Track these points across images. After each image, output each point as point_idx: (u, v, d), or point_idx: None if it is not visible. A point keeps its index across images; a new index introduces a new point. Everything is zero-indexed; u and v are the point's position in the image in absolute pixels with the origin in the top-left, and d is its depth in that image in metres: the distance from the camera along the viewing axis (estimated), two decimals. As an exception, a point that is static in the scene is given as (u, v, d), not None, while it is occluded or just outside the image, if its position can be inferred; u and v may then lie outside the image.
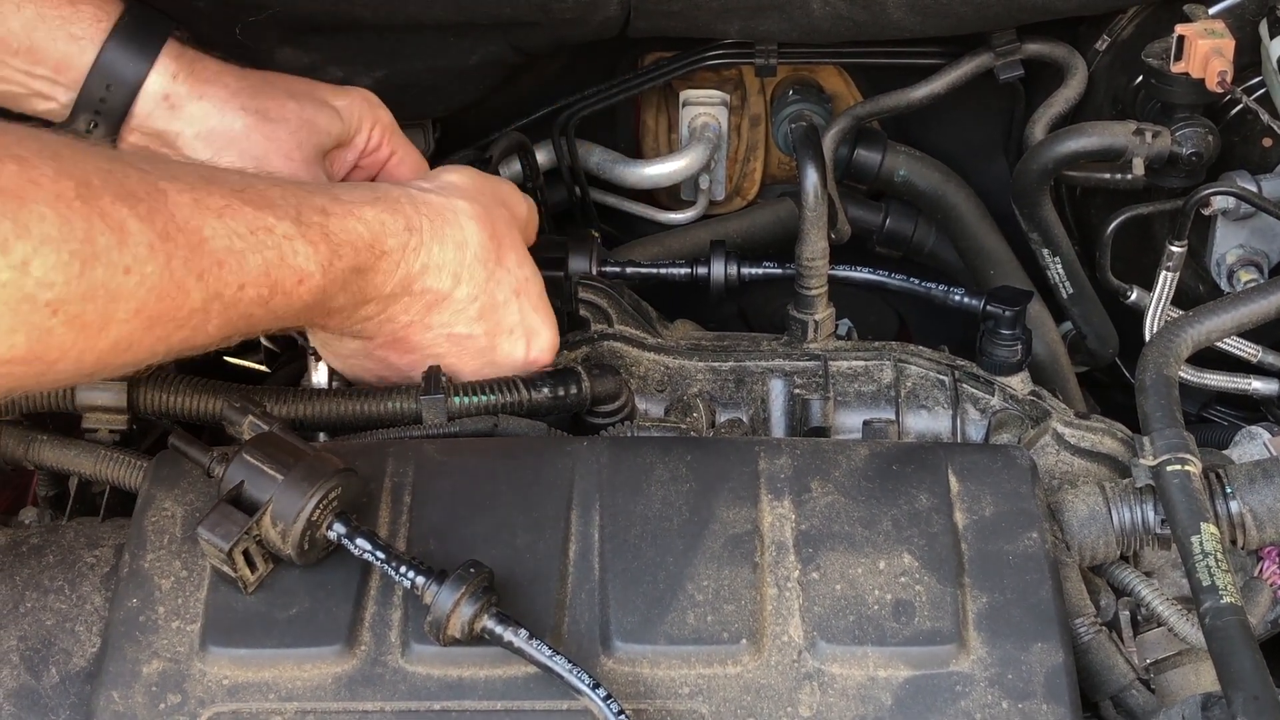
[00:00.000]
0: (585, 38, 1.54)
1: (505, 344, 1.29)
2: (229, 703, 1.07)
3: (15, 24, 1.23)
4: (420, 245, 1.20)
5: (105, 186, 0.97)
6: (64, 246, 0.93)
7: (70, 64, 1.25)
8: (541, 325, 1.31)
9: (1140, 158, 1.46)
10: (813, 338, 1.43)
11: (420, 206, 1.21)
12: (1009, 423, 1.38)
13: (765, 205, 1.77)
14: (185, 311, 1.02)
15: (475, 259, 1.24)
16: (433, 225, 1.22)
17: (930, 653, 1.09)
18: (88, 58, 1.25)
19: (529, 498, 1.18)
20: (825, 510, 1.17)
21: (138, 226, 0.98)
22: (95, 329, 0.97)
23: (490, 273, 1.26)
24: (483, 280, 1.25)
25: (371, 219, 1.17)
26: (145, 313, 0.99)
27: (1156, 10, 1.53)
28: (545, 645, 1.04)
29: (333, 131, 1.35)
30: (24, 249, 0.91)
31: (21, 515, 1.32)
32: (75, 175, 0.95)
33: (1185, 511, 1.14)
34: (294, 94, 1.34)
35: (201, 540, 1.08)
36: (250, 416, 1.15)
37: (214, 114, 1.29)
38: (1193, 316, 1.29)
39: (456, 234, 1.23)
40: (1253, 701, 1.00)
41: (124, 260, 0.97)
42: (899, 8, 1.46)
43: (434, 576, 1.07)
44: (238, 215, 1.06)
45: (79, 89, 1.26)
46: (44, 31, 1.24)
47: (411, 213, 1.20)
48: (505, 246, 1.28)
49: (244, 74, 1.33)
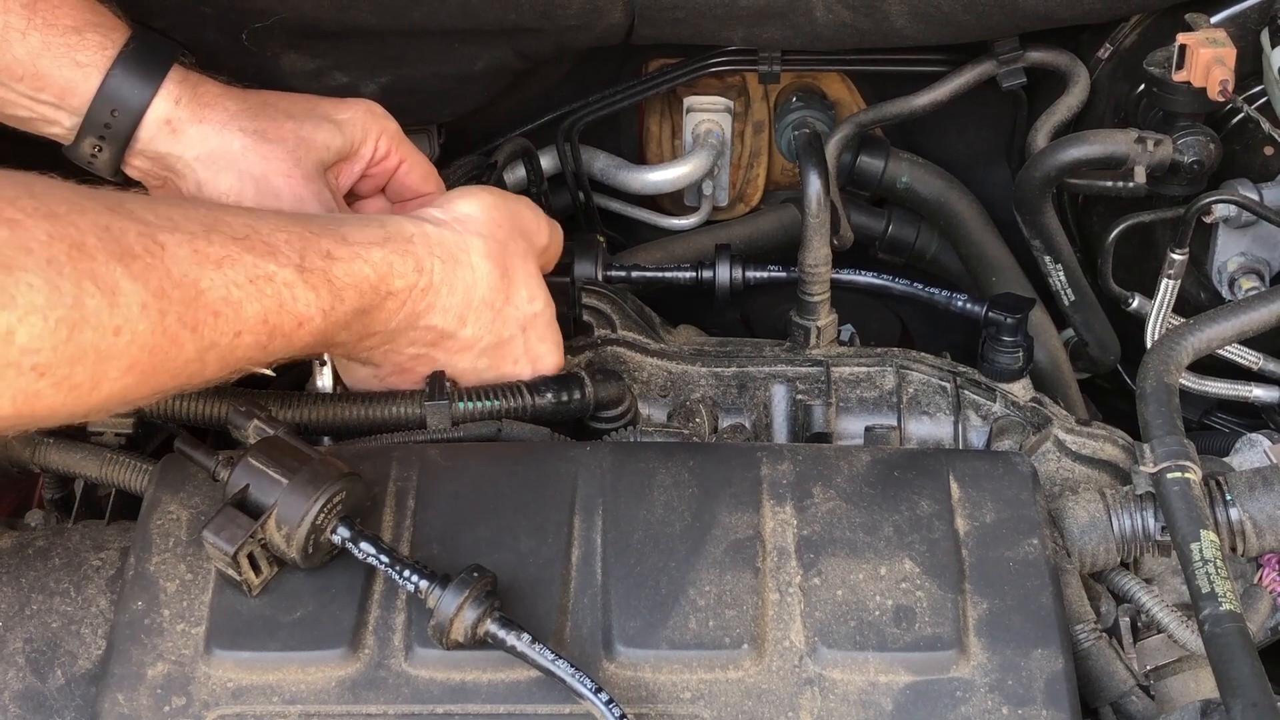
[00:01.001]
0: (590, 44, 1.54)
1: (510, 369, 1.30)
2: (233, 705, 1.07)
3: (20, 51, 1.23)
4: (429, 287, 1.20)
5: (101, 246, 0.97)
6: (51, 314, 0.93)
7: (75, 90, 1.26)
8: (548, 352, 1.31)
9: (1142, 166, 1.46)
10: (815, 344, 1.43)
11: (434, 247, 1.21)
12: (1010, 429, 1.39)
13: (768, 211, 1.78)
14: (179, 362, 1.03)
15: (483, 301, 1.24)
16: (444, 266, 1.21)
17: (931, 658, 1.09)
18: (92, 84, 1.26)
19: (532, 502, 1.18)
20: (827, 516, 1.17)
21: (131, 286, 0.98)
22: (86, 389, 0.97)
23: (497, 313, 1.26)
24: (489, 321, 1.26)
25: (379, 261, 1.16)
26: (138, 368, 1.00)
27: (1159, 19, 1.53)
28: (548, 650, 1.05)
29: (333, 146, 1.35)
30: (8, 318, 0.91)
31: (27, 518, 1.33)
32: (70, 237, 0.96)
33: (1185, 518, 1.14)
34: (292, 114, 1.34)
35: (207, 543, 1.09)
36: (255, 420, 1.16)
37: (213, 136, 1.30)
38: (1194, 324, 1.29)
39: (467, 275, 1.23)
40: (1251, 709, 1.00)
41: (114, 321, 0.97)
42: (902, 15, 1.47)
43: (437, 581, 1.07)
44: (238, 264, 1.06)
45: (84, 114, 1.27)
46: (49, 59, 1.24)
47: (424, 254, 1.20)
48: (517, 283, 1.27)
49: (244, 96, 1.33)
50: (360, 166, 1.39)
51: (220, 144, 1.30)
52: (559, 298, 1.41)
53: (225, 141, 1.30)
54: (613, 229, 1.79)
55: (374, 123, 1.39)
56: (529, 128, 1.70)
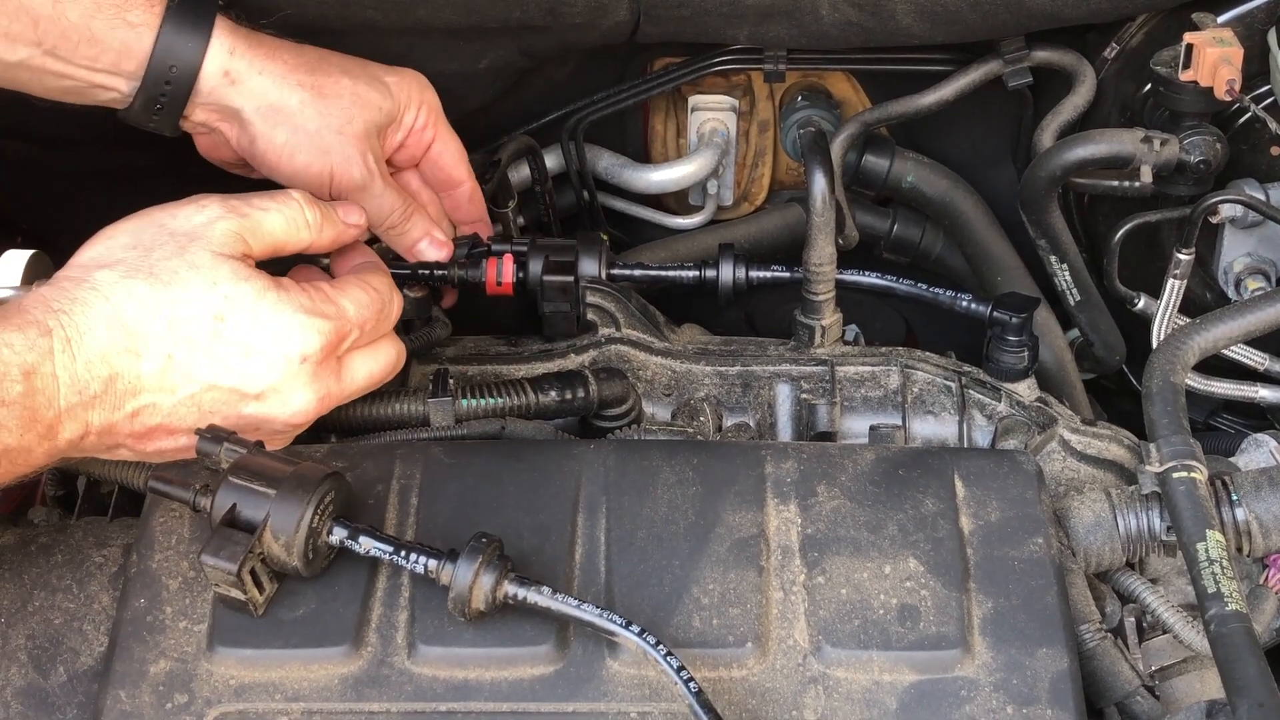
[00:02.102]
0: (594, 42, 1.54)
1: (239, 380, 1.16)
2: (235, 703, 1.08)
3: (74, 14, 1.22)
4: (69, 340, 1.08)
5: None
6: None
7: (130, 52, 1.26)
8: (269, 340, 1.15)
9: (1148, 165, 1.46)
10: (820, 343, 1.43)
11: (51, 302, 1.10)
12: (1015, 429, 1.38)
13: (773, 211, 1.77)
14: None
15: (138, 320, 1.11)
16: (71, 314, 1.09)
17: (935, 658, 1.09)
18: (145, 43, 1.25)
19: (536, 500, 1.18)
20: (831, 515, 1.17)
21: None
22: None
23: (170, 319, 1.12)
24: (163, 332, 1.12)
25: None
26: None
27: (1165, 18, 1.53)
28: (570, 598, 1.06)
29: (384, 108, 1.36)
30: None
31: (30, 515, 1.33)
32: None
33: (1191, 518, 1.14)
34: (348, 70, 1.35)
35: (206, 567, 1.08)
36: (225, 443, 1.13)
37: (272, 89, 1.30)
38: (1200, 324, 1.29)
39: (104, 309, 1.10)
40: (1257, 708, 1.00)
41: None
42: (908, 14, 1.47)
43: (445, 557, 1.08)
44: None
45: (142, 75, 1.26)
46: (102, 21, 1.24)
47: (42, 315, 1.08)
48: (179, 282, 1.13)
49: (300, 49, 1.34)
50: (401, 134, 1.40)
51: (279, 98, 1.30)
52: (564, 296, 1.41)
53: (284, 95, 1.31)
54: (617, 228, 1.79)
55: (418, 92, 1.40)
56: (533, 126, 1.70)
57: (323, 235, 1.25)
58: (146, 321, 1.12)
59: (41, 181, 1.69)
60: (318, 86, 1.32)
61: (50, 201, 1.71)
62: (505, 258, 1.45)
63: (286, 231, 1.21)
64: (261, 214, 1.20)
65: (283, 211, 1.21)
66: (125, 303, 1.11)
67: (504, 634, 1.10)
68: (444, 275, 1.44)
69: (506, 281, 1.45)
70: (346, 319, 1.19)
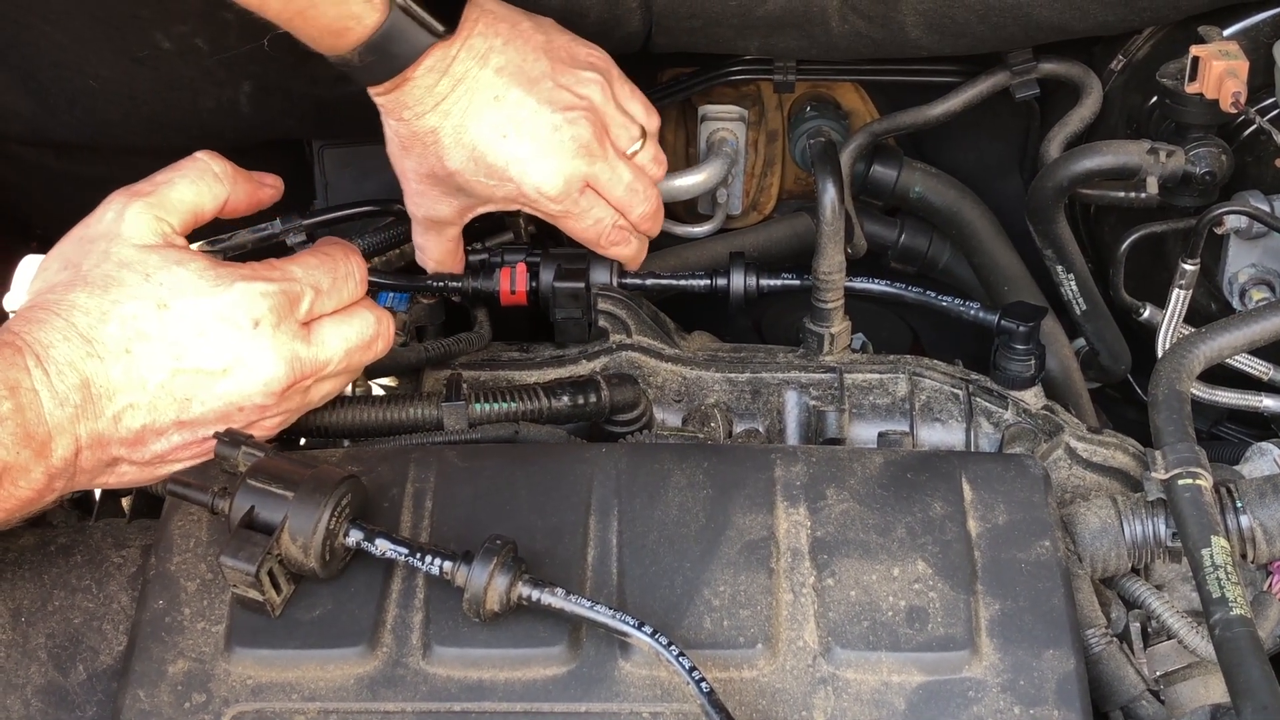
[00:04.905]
0: (607, 52, 1.55)
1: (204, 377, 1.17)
2: (253, 702, 1.09)
3: None
4: (39, 356, 1.11)
5: None
6: None
7: None
8: (218, 314, 1.16)
9: (1154, 177, 1.46)
10: (828, 350, 1.44)
11: (11, 326, 1.12)
12: (1022, 436, 1.39)
13: (782, 220, 1.78)
14: None
15: (90, 327, 1.13)
16: (33, 333, 1.12)
17: (943, 659, 1.10)
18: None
19: (549, 503, 1.19)
20: (840, 517, 1.18)
21: None
22: None
23: (119, 319, 1.14)
24: (116, 332, 1.14)
25: None
26: None
27: (1172, 31, 1.54)
28: (584, 599, 1.07)
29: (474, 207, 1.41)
30: None
31: (49, 515, 1.33)
32: None
33: (1196, 525, 1.15)
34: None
35: (225, 568, 1.09)
36: (243, 446, 1.15)
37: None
38: (1205, 333, 1.30)
39: (58, 324, 1.13)
40: (1262, 712, 1.01)
41: None
42: (917, 26, 1.48)
43: (460, 558, 1.09)
44: None
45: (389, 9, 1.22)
46: None
47: (9, 337, 1.11)
48: (114, 283, 1.15)
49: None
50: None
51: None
52: (575, 303, 1.42)
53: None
54: (627, 236, 1.80)
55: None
56: (546, 135, 1.70)
57: (237, 185, 1.24)
58: (97, 327, 1.14)
59: (57, 187, 1.70)
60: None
61: (66, 207, 1.72)
62: (519, 267, 1.47)
63: (198, 191, 1.22)
64: (167, 187, 1.21)
65: (186, 175, 1.22)
66: (75, 314, 1.14)
67: (517, 635, 1.11)
68: (459, 287, 1.45)
69: (520, 290, 1.46)
70: (293, 278, 1.20)
